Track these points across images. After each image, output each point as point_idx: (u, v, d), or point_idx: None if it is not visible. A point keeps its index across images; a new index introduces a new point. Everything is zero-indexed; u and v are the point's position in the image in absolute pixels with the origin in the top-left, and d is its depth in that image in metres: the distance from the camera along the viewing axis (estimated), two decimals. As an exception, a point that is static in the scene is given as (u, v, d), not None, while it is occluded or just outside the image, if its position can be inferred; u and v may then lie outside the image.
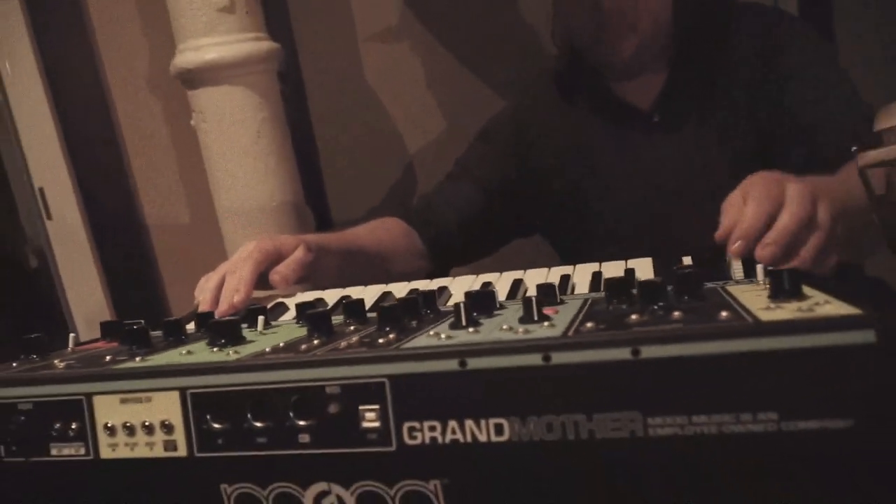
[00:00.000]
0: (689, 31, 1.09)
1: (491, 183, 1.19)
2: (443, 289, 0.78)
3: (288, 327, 0.64)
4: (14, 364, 0.58)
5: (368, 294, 0.81)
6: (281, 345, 0.53)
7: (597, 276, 0.72)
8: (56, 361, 0.57)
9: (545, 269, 0.80)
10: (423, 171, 1.54)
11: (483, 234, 1.21)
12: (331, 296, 0.84)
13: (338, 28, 1.46)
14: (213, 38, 1.15)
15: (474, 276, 0.82)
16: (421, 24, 1.50)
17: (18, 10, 1.24)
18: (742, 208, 0.66)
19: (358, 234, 1.07)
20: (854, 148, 0.59)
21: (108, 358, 0.55)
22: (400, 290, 0.81)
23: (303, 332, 0.59)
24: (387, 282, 1.16)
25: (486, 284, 0.76)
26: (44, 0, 1.25)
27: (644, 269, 0.74)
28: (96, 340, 0.69)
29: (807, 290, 0.47)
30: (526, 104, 1.24)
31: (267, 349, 0.52)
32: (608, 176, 1.16)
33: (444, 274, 1.18)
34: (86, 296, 1.32)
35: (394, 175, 1.54)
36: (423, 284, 0.81)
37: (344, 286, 0.96)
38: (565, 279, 0.73)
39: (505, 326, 0.48)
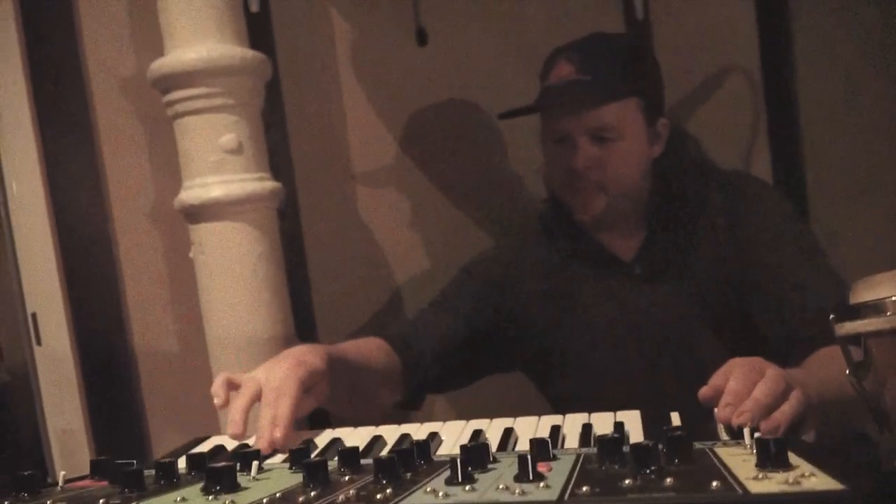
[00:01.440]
0: (664, 198, 1.16)
1: (472, 318, 1.22)
2: (434, 434, 0.79)
3: (280, 473, 0.64)
4: (5, 503, 0.58)
5: (359, 437, 0.82)
6: (277, 495, 0.53)
7: (587, 428, 0.73)
8: (48, 502, 0.56)
9: (535, 419, 0.81)
10: (410, 302, 1.57)
11: (461, 367, 1.22)
12: (320, 437, 0.84)
13: (334, 166, 1.54)
14: (220, 177, 1.21)
15: (465, 423, 0.82)
16: (413, 165, 1.58)
17: (31, 132, 1.30)
18: (727, 379, 0.71)
19: (347, 349, 1.08)
20: (832, 316, 0.63)
21: (101, 502, 0.55)
22: (390, 433, 0.82)
23: (297, 478, 0.59)
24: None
25: (478, 433, 0.77)
26: (55, 124, 1.31)
27: (633, 422, 0.76)
28: (84, 478, 0.68)
29: (793, 458, 0.49)
30: (512, 244, 1.29)
31: (264, 500, 0.52)
32: (590, 321, 1.19)
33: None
34: (65, 423, 1.30)
35: (380, 304, 1.57)
36: (414, 429, 0.82)
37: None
38: (556, 430, 0.74)
39: (501, 486, 0.49)
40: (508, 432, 0.74)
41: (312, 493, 0.52)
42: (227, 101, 1.21)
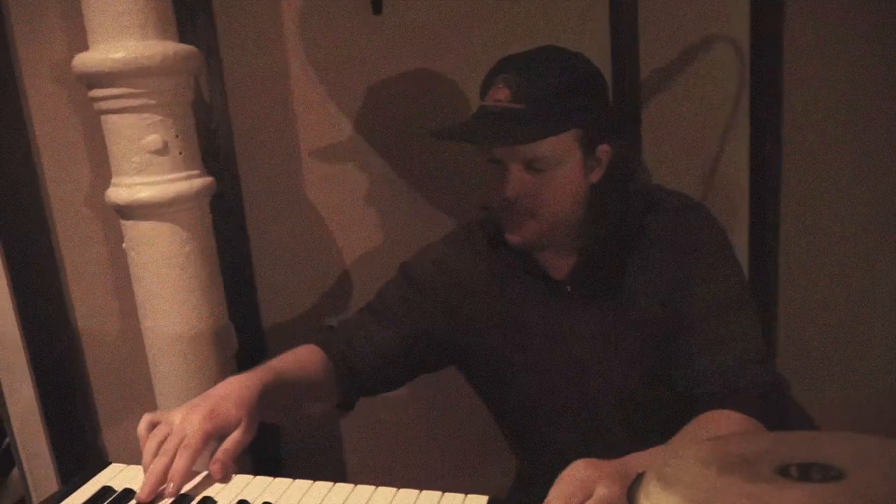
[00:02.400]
0: (599, 223, 1.12)
1: (412, 328, 1.21)
2: None
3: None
4: None
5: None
6: None
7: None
8: None
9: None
10: (359, 280, 1.58)
11: (397, 374, 1.23)
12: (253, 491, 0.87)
13: (280, 146, 1.52)
14: (145, 178, 1.21)
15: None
16: (366, 144, 1.55)
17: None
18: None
19: (285, 367, 1.10)
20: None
21: None
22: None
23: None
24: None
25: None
26: None
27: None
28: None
29: None
30: (456, 248, 1.25)
31: None
32: (528, 336, 1.18)
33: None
34: (23, 407, 1.37)
35: (328, 283, 1.59)
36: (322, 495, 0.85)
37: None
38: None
39: None
40: None
41: None
42: (150, 102, 1.19)
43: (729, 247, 1.12)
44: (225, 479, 0.89)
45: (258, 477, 0.90)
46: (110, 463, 0.95)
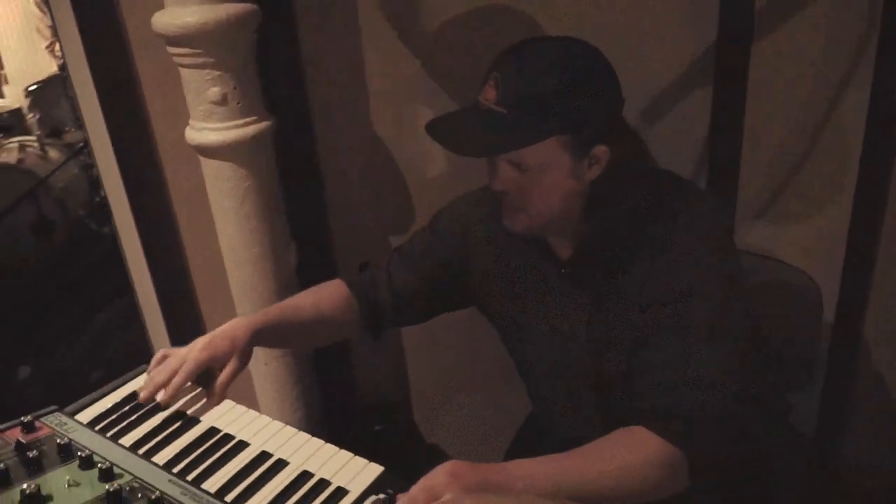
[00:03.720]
0: (597, 218, 1.11)
1: (430, 273, 1.32)
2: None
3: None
4: None
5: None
6: None
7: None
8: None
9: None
10: (422, 207, 1.71)
11: (415, 313, 1.37)
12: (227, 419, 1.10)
13: (350, 82, 1.63)
14: (209, 124, 1.41)
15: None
16: (433, 80, 1.62)
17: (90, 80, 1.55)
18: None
19: (299, 305, 1.30)
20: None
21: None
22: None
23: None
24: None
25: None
26: (103, 64, 1.54)
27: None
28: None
29: None
30: (475, 213, 1.31)
31: None
32: (525, 302, 1.25)
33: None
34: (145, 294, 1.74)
35: (394, 212, 1.74)
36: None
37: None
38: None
39: None
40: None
41: None
42: (210, 59, 1.36)
43: (725, 270, 1.06)
44: (216, 402, 1.12)
45: (239, 406, 1.12)
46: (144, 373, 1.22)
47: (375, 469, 0.97)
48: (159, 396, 1.12)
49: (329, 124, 1.65)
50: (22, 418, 1.03)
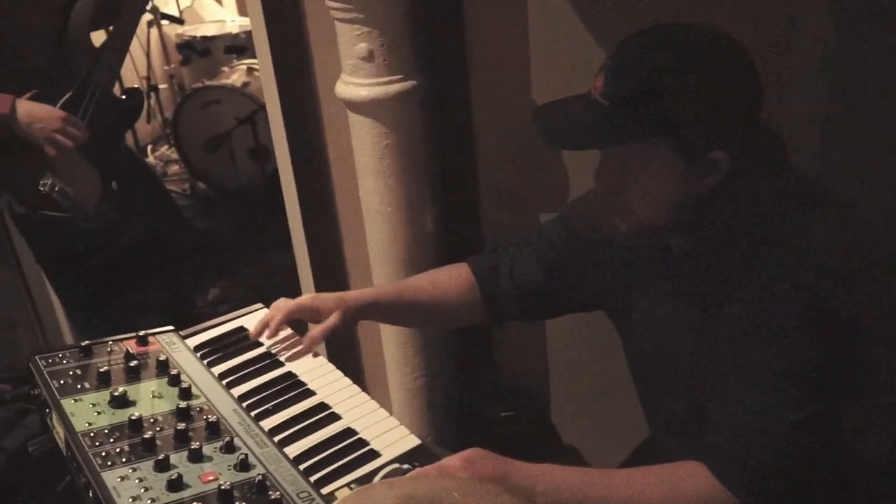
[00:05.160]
0: (710, 235, 1.10)
1: (552, 269, 1.36)
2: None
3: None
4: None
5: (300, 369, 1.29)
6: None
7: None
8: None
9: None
10: (577, 182, 1.77)
11: (536, 308, 1.43)
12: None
13: (509, 40, 1.72)
14: (355, 79, 1.59)
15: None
16: (602, 48, 1.65)
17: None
18: None
19: (419, 286, 1.43)
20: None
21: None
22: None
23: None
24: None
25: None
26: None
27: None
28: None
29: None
30: (599, 206, 1.35)
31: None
32: (637, 303, 1.28)
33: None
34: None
35: (546, 182, 1.82)
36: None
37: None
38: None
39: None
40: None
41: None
42: (359, 15, 1.53)
43: (827, 304, 1.01)
44: (304, 352, 1.31)
45: (321, 358, 1.31)
46: (262, 308, 1.45)
47: (412, 441, 1.10)
48: (263, 336, 1.34)
49: (486, 87, 1.76)
50: (139, 332, 1.31)
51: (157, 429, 1.08)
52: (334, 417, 1.16)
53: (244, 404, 1.18)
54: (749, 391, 1.02)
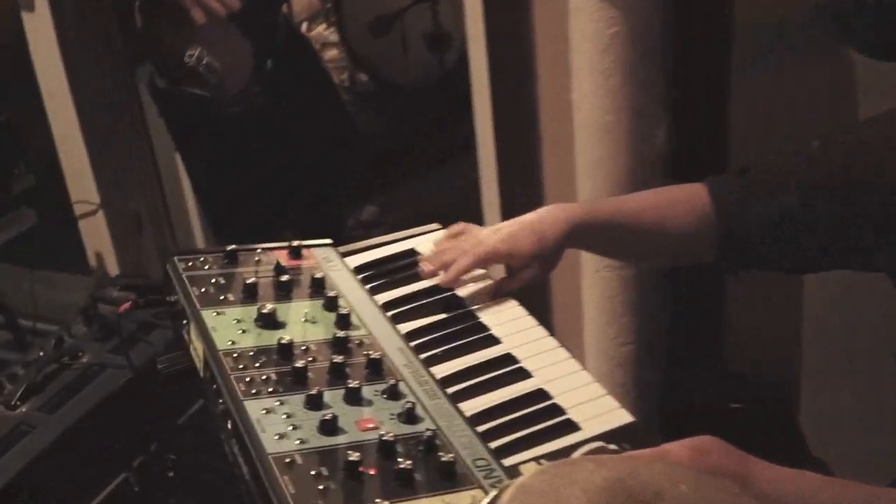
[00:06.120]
0: None
1: (824, 205, 1.29)
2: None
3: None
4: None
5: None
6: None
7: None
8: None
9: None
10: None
11: (798, 257, 1.37)
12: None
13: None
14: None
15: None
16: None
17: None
18: None
19: (641, 206, 1.41)
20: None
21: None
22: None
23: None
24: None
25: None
26: None
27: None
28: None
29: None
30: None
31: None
32: None
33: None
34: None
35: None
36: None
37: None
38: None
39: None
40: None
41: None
42: None
43: None
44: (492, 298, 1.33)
45: (512, 302, 1.31)
46: (439, 229, 1.48)
47: (623, 416, 1.09)
48: (439, 277, 1.36)
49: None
50: (292, 242, 1.37)
51: (310, 359, 1.13)
52: (523, 374, 1.17)
53: (412, 344, 1.21)
54: None
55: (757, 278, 1.52)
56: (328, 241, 1.42)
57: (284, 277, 1.28)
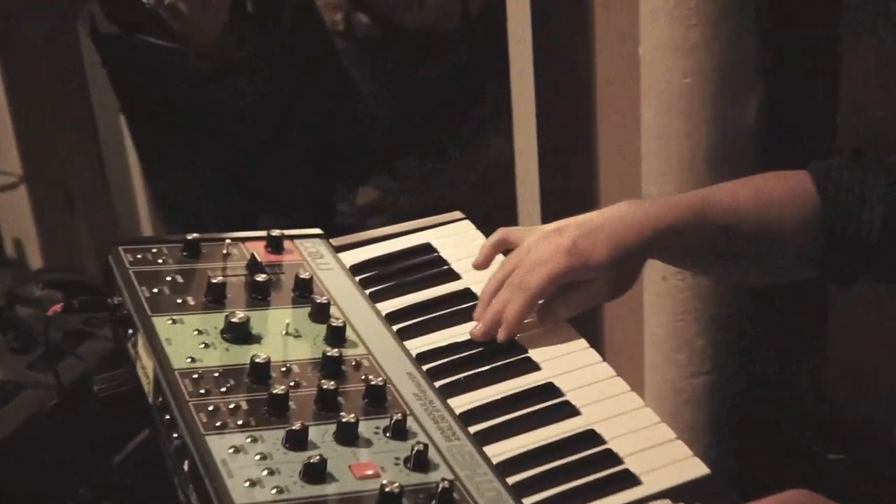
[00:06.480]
0: None
1: None
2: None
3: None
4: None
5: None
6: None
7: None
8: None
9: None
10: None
11: None
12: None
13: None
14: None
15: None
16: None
17: None
18: None
19: (736, 198, 1.37)
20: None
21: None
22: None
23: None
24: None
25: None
26: None
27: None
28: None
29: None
30: None
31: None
32: None
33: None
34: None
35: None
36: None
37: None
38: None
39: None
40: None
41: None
42: None
43: None
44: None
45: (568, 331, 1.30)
46: (463, 220, 1.47)
47: (696, 468, 1.08)
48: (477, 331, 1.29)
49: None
50: (271, 231, 1.37)
51: (292, 383, 1.13)
52: (568, 410, 1.16)
53: (425, 367, 1.21)
54: None
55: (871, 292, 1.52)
56: (317, 230, 1.42)
57: (261, 277, 1.28)
